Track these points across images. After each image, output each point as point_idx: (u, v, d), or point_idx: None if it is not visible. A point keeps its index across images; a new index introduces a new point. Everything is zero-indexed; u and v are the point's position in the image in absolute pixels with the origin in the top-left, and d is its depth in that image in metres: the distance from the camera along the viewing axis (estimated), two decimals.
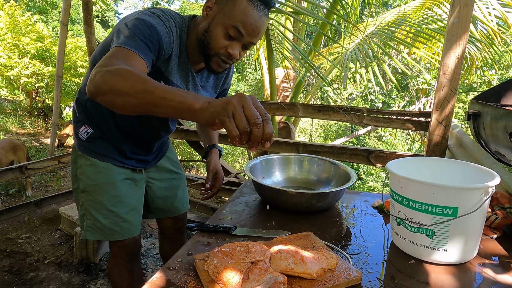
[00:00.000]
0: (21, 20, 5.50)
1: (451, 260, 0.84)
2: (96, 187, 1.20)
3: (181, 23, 1.04)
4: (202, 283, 0.75)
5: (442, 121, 1.85)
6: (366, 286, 0.77)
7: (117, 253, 1.28)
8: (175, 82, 1.08)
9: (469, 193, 0.79)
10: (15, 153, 3.12)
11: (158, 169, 1.39)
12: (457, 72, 1.79)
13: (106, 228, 1.21)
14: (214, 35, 0.99)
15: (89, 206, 1.21)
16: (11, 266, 2.21)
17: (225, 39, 0.98)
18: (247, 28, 0.96)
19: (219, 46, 0.99)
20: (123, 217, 1.21)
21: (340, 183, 1.25)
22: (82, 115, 1.19)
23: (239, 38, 0.98)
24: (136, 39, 0.87)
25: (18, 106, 6.76)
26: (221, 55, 1.01)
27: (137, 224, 1.27)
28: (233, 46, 1.00)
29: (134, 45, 0.86)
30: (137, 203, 1.28)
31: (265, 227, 1.04)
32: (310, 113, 2.29)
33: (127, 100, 0.74)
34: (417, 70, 5.82)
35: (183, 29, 1.05)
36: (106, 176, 1.19)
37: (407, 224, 0.87)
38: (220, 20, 0.97)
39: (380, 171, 5.97)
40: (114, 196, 1.20)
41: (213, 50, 1.01)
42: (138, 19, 0.92)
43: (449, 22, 1.75)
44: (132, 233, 1.25)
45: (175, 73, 1.07)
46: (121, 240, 1.24)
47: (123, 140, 1.20)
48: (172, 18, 1.01)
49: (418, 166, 1.02)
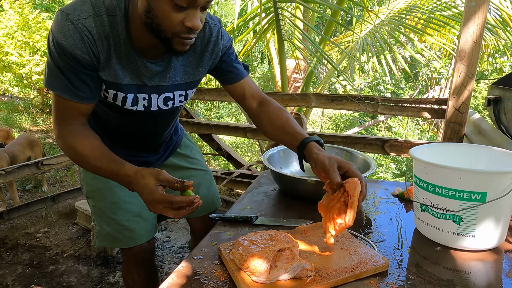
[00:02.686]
0: (30, 17, 5.54)
1: (479, 246, 0.83)
2: (95, 194, 1.13)
3: (112, 6, 0.81)
4: (229, 272, 0.75)
5: (459, 108, 1.82)
6: (393, 273, 0.77)
7: (127, 261, 1.22)
8: (118, 81, 0.89)
9: (499, 178, 0.77)
10: (32, 149, 3.17)
11: (170, 168, 1.24)
12: (474, 57, 1.75)
13: (110, 236, 1.13)
14: (161, 13, 0.75)
15: (93, 212, 1.17)
16: (32, 260, 2.26)
17: (176, 12, 0.75)
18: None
19: (173, 23, 0.76)
20: (124, 225, 1.11)
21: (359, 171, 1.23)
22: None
23: (192, 4, 0.75)
24: (58, 74, 0.83)
25: (30, 104, 6.85)
26: (180, 33, 0.78)
27: (142, 231, 1.14)
28: (190, 17, 0.76)
29: (59, 87, 0.84)
30: (142, 209, 1.13)
31: (286, 217, 1.04)
32: (323, 103, 2.27)
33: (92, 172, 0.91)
34: (427, 58, 5.72)
35: (116, 14, 0.82)
36: (102, 181, 1.09)
37: (433, 210, 0.86)
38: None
39: (390, 162, 5.92)
40: (112, 202, 1.11)
41: (168, 32, 0.78)
42: (51, 37, 0.80)
43: (466, 5, 1.71)
44: (135, 242, 1.13)
45: (117, 72, 0.88)
46: (128, 248, 1.15)
47: (116, 144, 1.09)
48: (95, 5, 0.80)
49: (441, 152, 1.00)
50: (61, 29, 0.78)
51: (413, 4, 3.40)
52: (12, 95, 7.72)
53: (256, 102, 1.10)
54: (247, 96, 1.09)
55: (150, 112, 0.99)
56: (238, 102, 1.13)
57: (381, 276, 0.75)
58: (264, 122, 1.07)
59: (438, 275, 0.76)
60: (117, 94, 0.91)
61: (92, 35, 0.80)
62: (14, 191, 2.89)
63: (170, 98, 0.99)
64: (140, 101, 0.95)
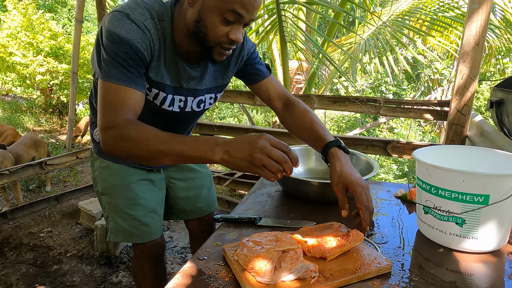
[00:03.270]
0: (34, 18, 5.57)
1: (481, 248, 0.84)
2: (111, 190, 1.17)
3: (161, 12, 0.89)
4: (233, 272, 0.76)
5: (462, 110, 1.83)
6: (396, 274, 0.77)
7: (140, 256, 1.24)
8: (162, 81, 0.95)
9: (501, 180, 0.78)
10: (36, 149, 3.19)
11: (178, 168, 1.30)
12: (477, 60, 1.75)
13: (126, 231, 1.17)
14: (209, 24, 0.84)
15: (109, 209, 1.19)
16: (35, 259, 2.28)
17: (223, 25, 0.84)
18: (247, 7, 0.82)
19: (218, 35, 0.85)
20: (140, 220, 1.16)
21: (362, 173, 1.24)
22: (95, 117, 1.13)
23: (239, 20, 0.84)
24: (116, 65, 0.82)
25: (33, 104, 6.89)
26: (223, 44, 0.88)
27: (156, 226, 1.20)
28: (234, 31, 0.85)
29: (118, 76, 0.82)
30: (156, 205, 1.21)
31: (289, 218, 1.05)
32: (326, 105, 2.27)
33: (150, 162, 0.82)
34: (429, 59, 5.72)
35: (165, 19, 0.90)
36: (119, 178, 1.14)
37: (436, 212, 0.86)
38: (212, 5, 0.82)
39: (392, 163, 5.92)
40: (130, 198, 1.15)
41: (212, 41, 0.87)
42: (109, 33, 0.83)
43: (469, 7, 1.72)
44: (152, 236, 1.19)
45: (159, 72, 0.94)
46: (142, 244, 1.19)
47: None
48: (149, 9, 0.87)
49: (444, 154, 1.01)
50: (123, 26, 0.83)
51: (415, 5, 3.41)
52: (15, 95, 7.76)
53: (281, 103, 1.16)
54: (273, 97, 1.16)
55: (184, 113, 1.05)
56: (265, 103, 1.19)
57: (384, 278, 0.76)
58: (291, 125, 1.14)
59: (441, 277, 0.76)
60: (159, 93, 0.97)
61: (151, 34, 0.87)
62: (18, 190, 2.90)
63: (202, 101, 1.08)
64: (176, 103, 1.01)
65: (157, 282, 1.26)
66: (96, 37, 0.91)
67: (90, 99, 1.16)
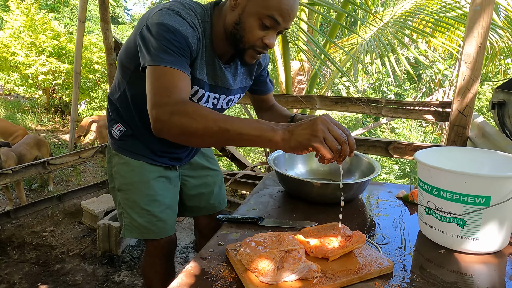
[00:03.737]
0: (37, 18, 5.59)
1: (482, 249, 0.84)
2: (130, 186, 1.18)
3: (203, 14, 0.96)
4: (236, 272, 0.77)
5: (463, 111, 1.83)
6: (397, 275, 0.78)
7: (153, 253, 1.26)
8: (202, 78, 1.01)
9: (503, 182, 0.78)
10: (39, 149, 3.21)
11: (192, 166, 1.34)
12: (478, 61, 1.76)
13: (142, 227, 1.19)
14: (247, 28, 0.91)
15: (125, 205, 1.20)
16: (38, 258, 2.29)
17: (260, 30, 0.91)
18: (284, 16, 0.88)
19: (255, 38, 0.92)
20: (157, 216, 1.19)
21: (363, 174, 1.25)
22: (115, 114, 1.18)
23: (275, 27, 0.90)
24: (169, 51, 0.84)
25: (36, 103, 6.91)
26: (257, 47, 0.94)
27: (172, 223, 1.24)
28: (269, 36, 0.92)
29: (171, 61, 0.84)
30: (171, 202, 1.24)
31: (291, 218, 1.05)
32: (328, 105, 2.28)
33: (203, 140, 0.81)
34: (431, 60, 5.72)
35: (206, 20, 0.97)
36: (139, 174, 1.17)
37: (437, 213, 0.87)
38: (253, 10, 0.88)
39: (393, 163, 5.91)
40: (148, 194, 1.18)
41: (247, 43, 0.94)
42: (160, 25, 0.86)
43: (471, 9, 1.72)
44: (168, 232, 1.22)
45: (201, 69, 1.00)
46: (157, 240, 1.22)
47: (153, 139, 1.15)
48: (193, 10, 0.93)
49: (446, 155, 1.01)
50: (175, 20, 0.87)
51: (417, 6, 3.41)
52: (17, 94, 7.78)
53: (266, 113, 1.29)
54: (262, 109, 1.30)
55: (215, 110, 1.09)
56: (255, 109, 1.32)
57: (386, 278, 0.76)
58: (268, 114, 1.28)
59: (442, 278, 0.77)
60: (199, 90, 1.02)
61: (198, 32, 0.93)
62: (21, 190, 2.92)
63: (231, 100, 1.15)
64: (210, 100, 1.06)
65: (167, 278, 1.28)
66: (135, 33, 0.95)
67: (110, 97, 1.18)
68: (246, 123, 0.77)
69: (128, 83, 1.08)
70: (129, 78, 1.06)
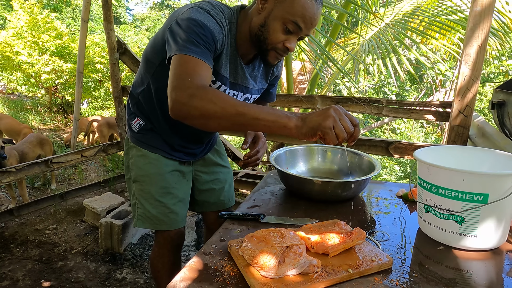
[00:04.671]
0: (40, 17, 5.62)
1: (480, 246, 0.86)
2: (146, 178, 1.23)
3: (230, 15, 1.02)
4: (238, 267, 0.78)
5: (464, 111, 1.84)
6: (396, 270, 0.79)
7: (163, 244, 1.30)
8: (225, 75, 1.06)
9: (501, 180, 0.79)
10: (42, 147, 3.23)
11: (205, 162, 1.39)
12: (479, 61, 1.77)
13: (154, 218, 1.23)
14: (271, 30, 0.97)
15: (140, 196, 1.25)
16: (41, 256, 2.31)
17: (283, 33, 0.97)
18: (306, 22, 0.94)
19: (277, 40, 0.98)
20: (170, 208, 1.24)
21: (364, 173, 1.26)
22: (135, 108, 1.23)
23: (297, 32, 0.96)
24: (196, 43, 0.89)
25: (38, 102, 6.94)
26: (278, 49, 1.00)
27: (183, 216, 1.29)
28: (290, 40, 0.98)
29: (196, 51, 0.88)
30: (184, 195, 1.29)
31: (292, 216, 1.07)
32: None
33: (220, 123, 0.83)
34: (432, 61, 5.72)
35: (233, 21, 1.03)
36: (155, 167, 1.22)
37: (436, 211, 0.88)
38: (278, 14, 0.94)
39: (394, 163, 5.93)
40: (163, 187, 1.23)
41: (270, 45, 0.99)
42: (190, 20, 0.91)
43: (471, 10, 1.73)
44: (179, 224, 1.27)
45: (225, 66, 1.05)
46: (167, 231, 1.27)
47: (172, 133, 1.22)
48: (221, 11, 0.99)
49: (445, 154, 1.03)
50: (205, 17, 0.93)
51: (418, 7, 3.42)
52: (20, 93, 7.82)
53: None
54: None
55: None
56: None
57: (385, 274, 0.78)
58: None
59: (441, 274, 0.78)
60: (221, 86, 1.06)
61: (224, 30, 0.99)
62: (24, 188, 2.94)
63: (248, 99, 1.18)
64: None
65: (173, 270, 1.31)
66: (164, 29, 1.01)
67: (132, 92, 1.24)
68: (263, 109, 0.81)
69: (152, 76, 1.13)
70: (154, 72, 1.11)
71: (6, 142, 2.78)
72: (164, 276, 1.32)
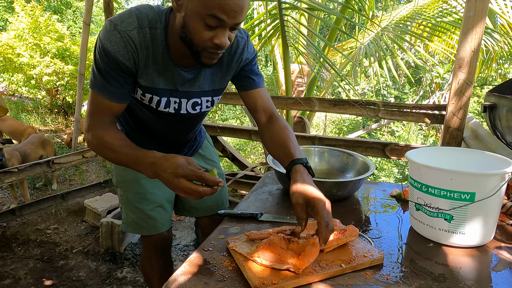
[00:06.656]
0: (41, 20, 5.67)
1: (468, 243, 0.89)
2: (123, 184, 1.24)
3: (154, 20, 0.92)
4: (236, 262, 0.82)
5: (457, 113, 1.88)
6: (387, 266, 0.83)
7: (148, 248, 1.31)
8: (159, 87, 1.00)
9: (487, 179, 0.83)
10: (44, 148, 3.26)
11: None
12: (472, 65, 1.81)
13: (134, 223, 1.25)
14: (193, 30, 0.85)
15: (121, 201, 1.27)
16: (42, 255, 2.34)
17: (206, 30, 0.84)
18: (227, 12, 0.81)
19: (203, 39, 0.86)
20: (148, 214, 1.23)
21: (359, 173, 1.30)
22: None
23: (221, 25, 0.84)
24: (100, 78, 0.93)
25: (39, 104, 6.98)
26: (209, 48, 0.88)
27: (163, 221, 1.26)
28: (218, 36, 0.85)
29: (100, 88, 0.94)
30: (163, 201, 1.26)
31: (289, 214, 1.11)
32: (326, 107, 2.33)
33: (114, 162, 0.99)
34: (430, 64, 5.77)
35: (157, 26, 0.93)
36: (132, 172, 1.17)
37: (426, 209, 0.92)
38: (195, 11, 0.82)
39: (393, 166, 5.96)
40: (138, 192, 1.22)
41: (199, 46, 0.87)
42: (99, 46, 0.91)
43: (465, 15, 1.78)
44: (158, 230, 1.25)
45: (158, 77, 0.99)
46: (150, 236, 1.27)
47: (149, 140, 1.21)
48: (140, 18, 0.91)
49: (436, 155, 1.07)
50: (109, 37, 0.89)
51: (416, 11, 3.47)
52: (21, 95, 7.85)
53: (265, 117, 1.14)
54: (259, 109, 1.14)
55: (179, 114, 1.10)
56: (250, 112, 1.18)
57: (376, 268, 0.81)
58: (267, 139, 1.11)
59: (430, 269, 0.82)
60: (153, 97, 1.03)
61: (136, 44, 0.91)
62: (25, 188, 2.98)
63: (198, 103, 1.10)
64: (171, 104, 1.06)
65: (163, 273, 1.33)
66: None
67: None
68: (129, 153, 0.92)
69: None
70: None
71: (5, 143, 2.81)
72: (154, 278, 1.33)
